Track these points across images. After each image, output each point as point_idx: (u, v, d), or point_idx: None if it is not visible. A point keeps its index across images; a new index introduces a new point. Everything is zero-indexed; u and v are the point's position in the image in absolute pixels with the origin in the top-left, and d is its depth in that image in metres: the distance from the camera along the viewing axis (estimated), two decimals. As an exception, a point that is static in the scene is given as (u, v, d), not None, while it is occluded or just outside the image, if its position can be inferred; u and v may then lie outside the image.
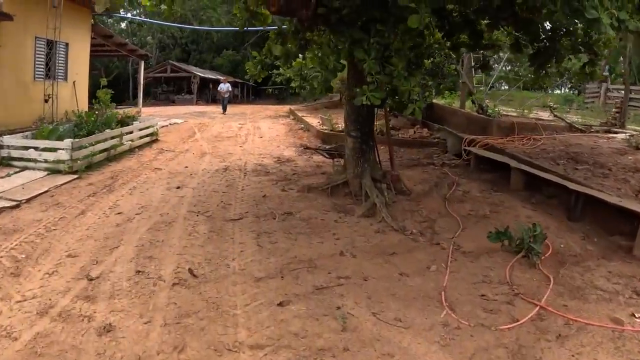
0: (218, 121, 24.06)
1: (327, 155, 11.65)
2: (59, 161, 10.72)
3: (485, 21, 9.02)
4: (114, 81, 48.69)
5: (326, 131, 15.88)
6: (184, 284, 5.35)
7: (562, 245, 6.86)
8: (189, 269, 5.68)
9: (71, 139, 10.94)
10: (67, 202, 8.60)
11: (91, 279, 5.38)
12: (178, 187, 9.74)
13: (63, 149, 10.70)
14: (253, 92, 57.63)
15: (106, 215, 7.87)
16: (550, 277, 5.71)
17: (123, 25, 56.27)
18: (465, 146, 12.88)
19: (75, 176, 10.48)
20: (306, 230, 7.30)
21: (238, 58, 53.84)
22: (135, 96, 47.47)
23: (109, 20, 54.64)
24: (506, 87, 34.53)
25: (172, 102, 41.20)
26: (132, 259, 6.03)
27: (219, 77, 46.61)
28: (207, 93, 44.43)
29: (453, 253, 6.56)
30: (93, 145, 11.73)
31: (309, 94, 47.79)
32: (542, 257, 6.28)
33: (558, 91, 43.43)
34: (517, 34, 8.98)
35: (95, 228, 7.19)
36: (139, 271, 5.65)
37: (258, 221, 7.67)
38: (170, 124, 21.54)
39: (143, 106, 39.59)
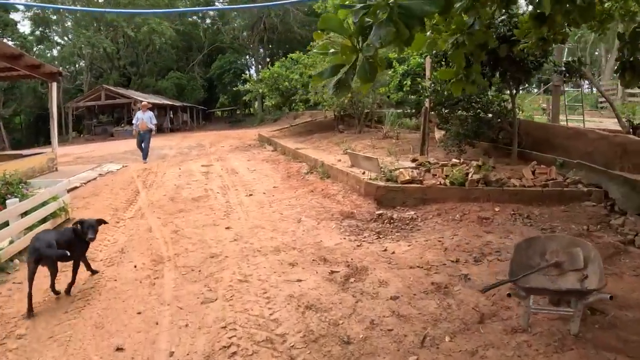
0: (170, 162, 15.97)
1: (532, 305, 4.17)
2: None
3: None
4: (45, 114, 39.28)
5: (381, 184, 8.16)
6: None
7: None
8: None
9: None
10: None
11: None
12: None
13: None
14: (202, 115, 49.53)
15: None
16: None
17: (55, 52, 46.62)
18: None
19: None
20: None
21: (184, 81, 45.53)
22: (77, 129, 38.15)
23: (39, 46, 45.03)
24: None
25: (111, 136, 32.41)
26: None
27: (164, 101, 38.13)
28: (151, 121, 35.62)
29: None
30: None
31: (267, 115, 40.11)
32: None
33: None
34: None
35: None
36: None
37: None
38: (100, 175, 13.35)
39: (73, 143, 30.50)
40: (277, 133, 22.41)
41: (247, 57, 51.83)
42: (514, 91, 9.51)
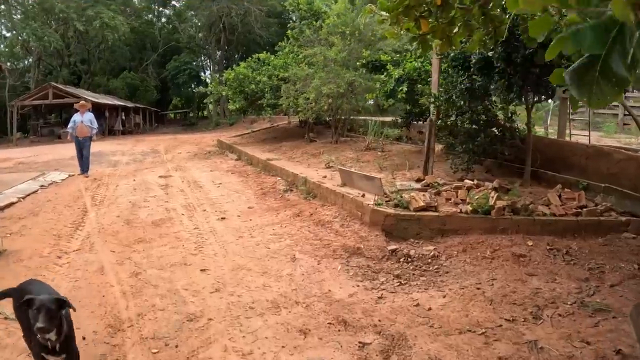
0: (123, 171, 14.03)
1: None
2: None
3: None
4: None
5: (390, 211, 6.61)
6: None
7: None
8: None
9: None
10: None
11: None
12: None
13: None
14: (155, 118, 46.81)
15: None
16: None
17: (2, 46, 42.78)
18: None
19: None
20: None
21: (137, 81, 42.82)
22: (23, 130, 34.44)
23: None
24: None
25: (58, 138, 29.61)
26: None
27: (116, 101, 35.54)
28: (102, 124, 32.33)
29: None
30: None
31: (221, 119, 37.88)
32: None
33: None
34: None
35: None
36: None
37: None
38: (42, 187, 11.33)
39: (18, 145, 27.42)
40: (238, 139, 20.63)
41: (203, 57, 49.54)
42: (531, 104, 8.19)
